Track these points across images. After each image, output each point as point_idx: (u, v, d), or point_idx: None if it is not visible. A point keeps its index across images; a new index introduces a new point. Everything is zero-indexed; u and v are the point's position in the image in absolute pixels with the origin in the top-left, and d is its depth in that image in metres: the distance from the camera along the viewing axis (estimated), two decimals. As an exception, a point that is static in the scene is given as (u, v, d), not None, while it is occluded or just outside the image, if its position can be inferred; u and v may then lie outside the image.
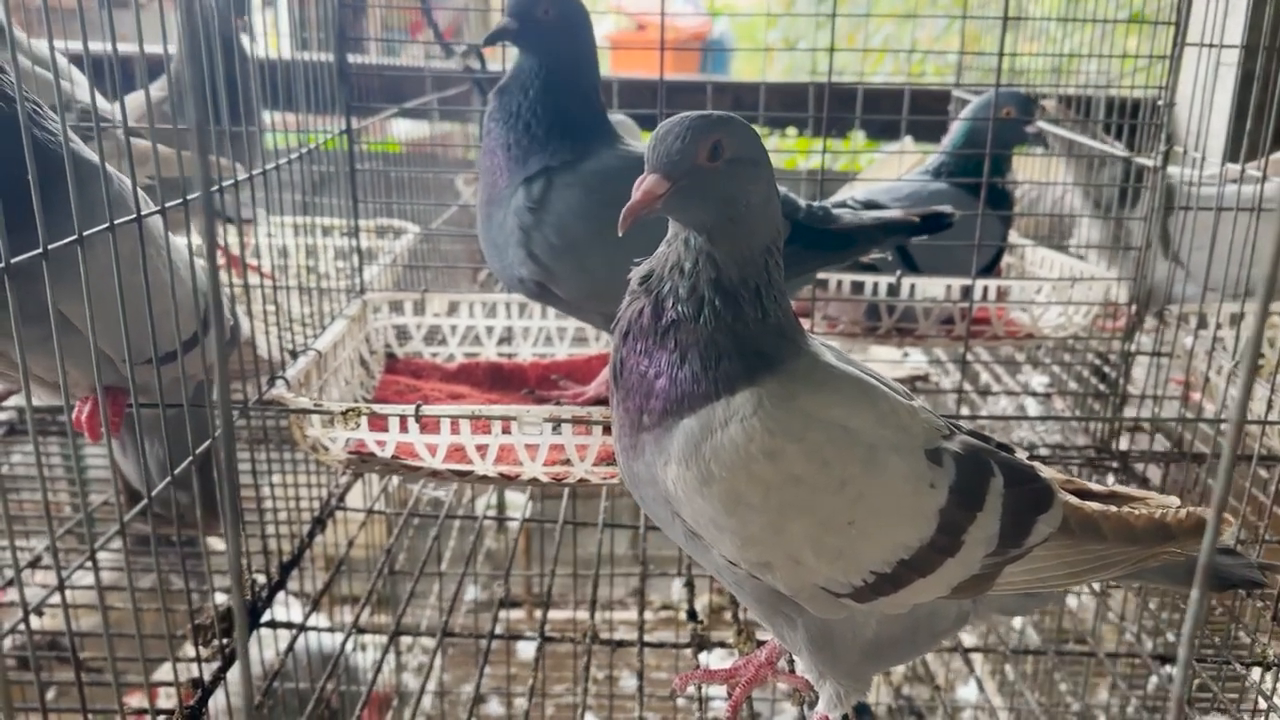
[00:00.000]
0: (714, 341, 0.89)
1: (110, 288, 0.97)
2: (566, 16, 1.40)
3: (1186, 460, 1.67)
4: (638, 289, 0.94)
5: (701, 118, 0.88)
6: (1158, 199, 1.77)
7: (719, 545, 0.91)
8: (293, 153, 1.51)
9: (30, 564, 1.44)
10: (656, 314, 0.91)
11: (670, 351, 0.90)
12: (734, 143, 0.89)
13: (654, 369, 0.90)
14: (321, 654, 2.01)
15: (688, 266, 0.90)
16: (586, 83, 1.43)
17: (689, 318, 0.89)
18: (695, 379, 0.89)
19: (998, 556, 0.96)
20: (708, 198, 0.88)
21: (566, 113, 1.40)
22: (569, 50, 1.40)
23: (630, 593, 3.14)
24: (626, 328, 0.93)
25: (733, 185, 0.88)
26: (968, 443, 0.98)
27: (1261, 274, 0.46)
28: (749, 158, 0.90)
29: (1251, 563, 1.07)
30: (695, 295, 0.89)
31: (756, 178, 0.90)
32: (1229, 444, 0.50)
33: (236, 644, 0.68)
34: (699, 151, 0.87)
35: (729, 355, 0.89)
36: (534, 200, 1.36)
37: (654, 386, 0.90)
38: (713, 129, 0.88)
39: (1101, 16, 2.18)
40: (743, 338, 0.89)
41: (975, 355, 2.38)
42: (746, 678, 1.16)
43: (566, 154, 1.38)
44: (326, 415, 1.30)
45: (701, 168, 0.88)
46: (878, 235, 1.48)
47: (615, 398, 0.95)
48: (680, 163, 0.87)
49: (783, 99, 2.93)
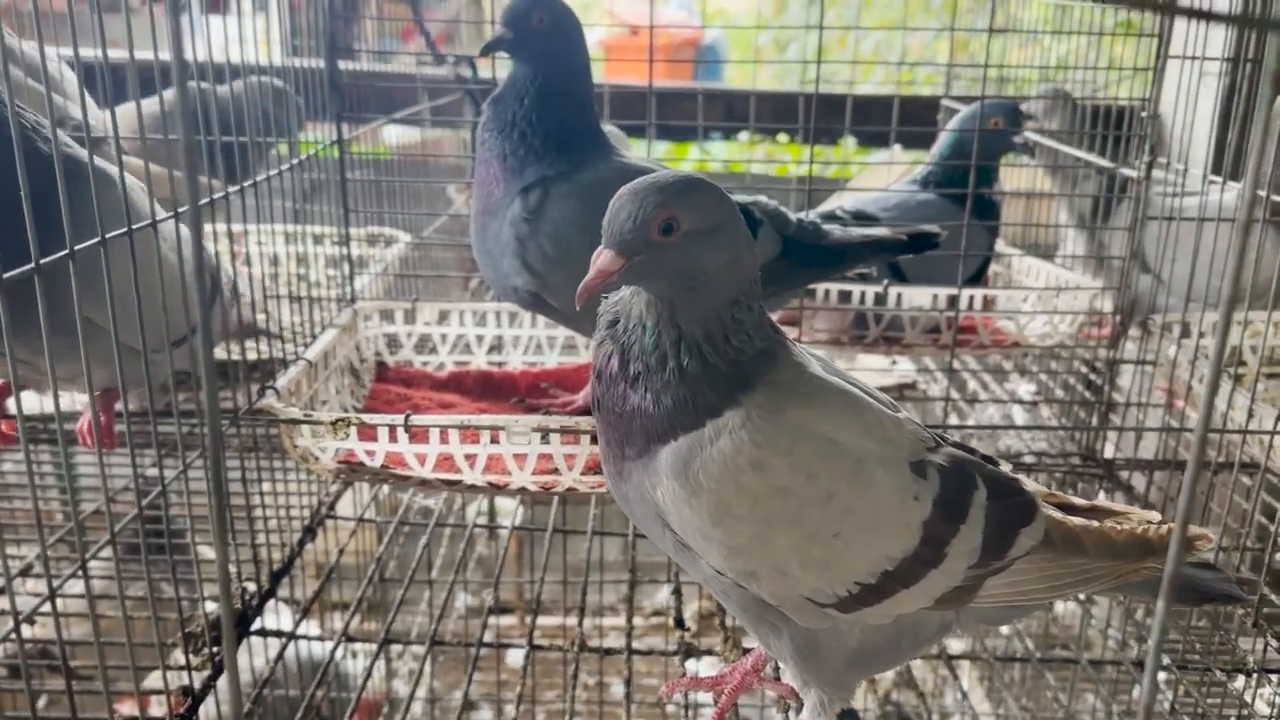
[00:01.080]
0: (685, 386, 0.89)
1: (124, 289, 1.00)
2: (560, 25, 1.40)
3: (1171, 468, 1.68)
4: (605, 334, 0.94)
5: (656, 192, 0.86)
6: (1142, 209, 1.79)
7: (706, 555, 0.92)
8: (284, 163, 1.52)
9: (21, 572, 1.44)
10: (624, 363, 0.91)
11: (642, 397, 0.90)
12: (690, 215, 0.87)
13: (628, 410, 0.91)
14: (312, 661, 2.01)
15: (649, 324, 0.90)
16: (581, 92, 1.43)
17: (655, 370, 0.89)
18: (672, 417, 0.89)
19: (980, 569, 0.97)
20: (663, 273, 0.87)
21: (562, 122, 1.40)
22: (563, 59, 1.40)
23: (621, 599, 3.15)
24: (599, 371, 0.94)
25: (689, 258, 0.87)
26: (952, 455, 0.99)
27: (1225, 285, 0.47)
28: (707, 228, 0.88)
29: (1229, 577, 1.08)
30: (659, 350, 0.89)
31: (716, 246, 0.89)
32: (1193, 458, 0.51)
33: (224, 654, 0.69)
34: (651, 230, 0.86)
35: (703, 392, 0.89)
36: (530, 211, 1.36)
37: (632, 425, 0.91)
38: (666, 204, 0.86)
39: (1089, 26, 2.20)
40: (715, 377, 0.89)
41: (962, 363, 2.39)
42: (732, 685, 1.17)
43: (563, 164, 1.38)
44: (316, 425, 1.31)
45: (656, 244, 0.87)
46: (866, 253, 1.49)
47: (598, 427, 0.96)
48: (633, 241, 0.86)
49: (774, 107, 2.94)
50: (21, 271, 0.86)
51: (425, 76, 2.47)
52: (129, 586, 1.84)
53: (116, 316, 0.99)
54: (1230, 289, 0.48)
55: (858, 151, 3.34)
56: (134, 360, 1.10)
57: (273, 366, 1.47)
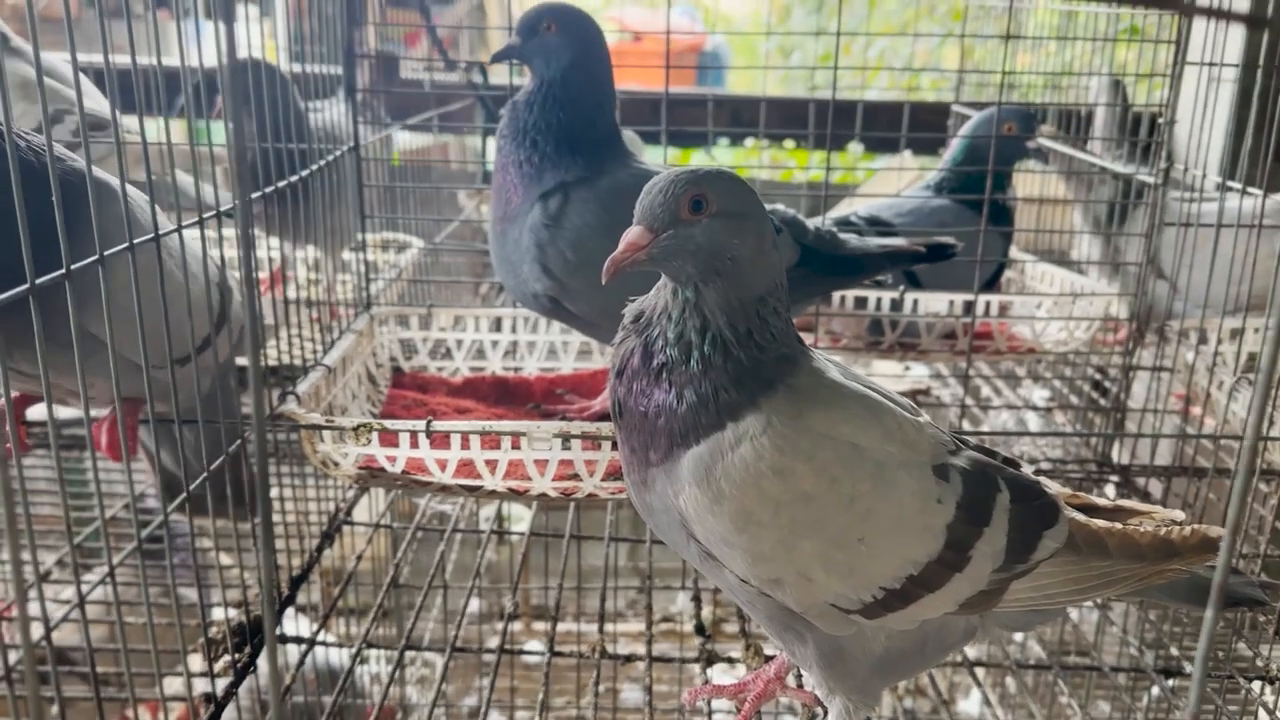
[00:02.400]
0: (708, 380, 0.90)
1: (130, 302, 0.99)
2: (570, 32, 1.41)
3: (1188, 475, 1.68)
4: (630, 327, 0.95)
5: (688, 173, 0.91)
6: (1158, 215, 1.78)
7: (731, 564, 0.92)
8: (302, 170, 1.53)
9: (42, 577, 1.44)
10: (646, 356, 0.92)
11: (665, 391, 0.91)
12: (719, 197, 0.90)
13: (652, 408, 0.91)
14: (329, 667, 2.01)
15: (674, 314, 0.91)
16: (596, 98, 1.43)
17: (678, 361, 0.90)
18: (695, 414, 0.90)
19: (1004, 572, 0.96)
20: (690, 251, 0.90)
21: (574, 128, 1.40)
22: (575, 66, 1.40)
23: (629, 604, 3.15)
24: (620, 366, 0.94)
25: (716, 239, 0.90)
26: (974, 458, 0.99)
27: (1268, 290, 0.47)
28: (735, 211, 0.91)
29: (1254, 581, 1.08)
30: (683, 341, 0.91)
31: (743, 231, 0.91)
32: (1243, 465, 0.51)
33: (265, 655, 0.69)
34: (681, 206, 0.90)
35: (726, 389, 0.90)
36: (550, 217, 1.36)
37: (655, 425, 0.91)
38: (696, 184, 0.90)
39: (1098, 32, 2.20)
40: (739, 372, 0.90)
41: (977, 369, 2.39)
42: (755, 693, 1.17)
43: (581, 170, 1.39)
44: (338, 431, 1.31)
45: (684, 221, 0.90)
46: (884, 263, 1.50)
47: (619, 435, 0.96)
48: (662, 216, 0.90)
49: (782, 113, 2.95)
50: (17, 292, 0.86)
51: (436, 83, 2.48)
52: (149, 592, 1.85)
53: (115, 331, 0.97)
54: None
55: (864, 157, 3.34)
56: (156, 370, 1.09)
57: (292, 372, 1.47)
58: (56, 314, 0.89)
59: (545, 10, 1.41)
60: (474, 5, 3.62)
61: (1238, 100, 1.64)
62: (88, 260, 0.92)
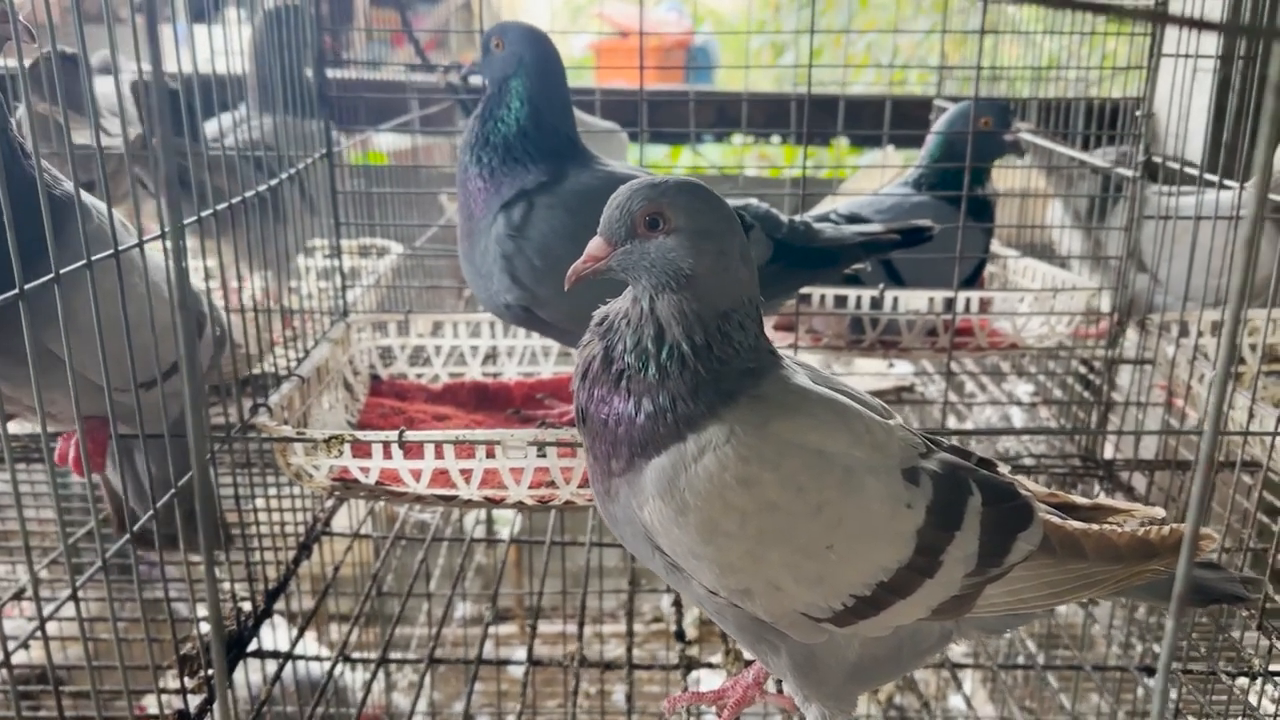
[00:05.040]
0: (665, 390, 0.90)
1: (91, 322, 0.97)
2: (515, 47, 1.43)
3: (1171, 468, 1.67)
4: (595, 330, 0.95)
5: (648, 187, 0.91)
6: (1138, 208, 1.78)
7: (698, 575, 0.91)
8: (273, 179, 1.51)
9: (15, 596, 1.43)
10: (607, 361, 0.92)
11: (625, 399, 0.91)
12: (677, 214, 0.90)
13: (613, 416, 0.91)
14: (310, 678, 2.00)
15: (634, 320, 0.92)
16: (549, 105, 1.44)
17: (636, 369, 0.91)
18: (654, 424, 0.89)
19: (977, 576, 0.95)
20: (644, 266, 0.90)
21: (527, 137, 1.42)
22: (522, 77, 1.42)
23: (620, 605, 3.14)
24: (584, 369, 0.94)
25: (669, 256, 0.90)
26: (946, 460, 0.98)
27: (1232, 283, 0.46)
28: (695, 229, 0.90)
29: (1234, 577, 1.07)
30: (640, 348, 0.91)
31: (700, 250, 0.90)
32: (1202, 463, 0.50)
33: (215, 685, 0.67)
34: (636, 223, 0.90)
35: (684, 399, 0.89)
36: (514, 227, 1.36)
37: (616, 433, 0.91)
38: (654, 201, 0.90)
39: (1081, 25, 2.19)
40: (696, 383, 0.90)
41: (960, 365, 2.38)
42: (735, 699, 1.16)
43: (541, 176, 1.40)
44: (309, 443, 1.30)
45: (640, 237, 0.91)
46: (859, 252, 1.49)
47: (585, 442, 0.96)
48: (619, 230, 0.91)
49: (767, 109, 2.93)
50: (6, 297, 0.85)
51: (415, 84, 2.46)
52: (122, 608, 1.84)
53: (74, 350, 0.96)
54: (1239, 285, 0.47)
55: (850, 152, 3.33)
56: (119, 395, 1.08)
57: (266, 382, 1.46)
58: (16, 332, 0.88)
59: (494, 28, 1.46)
60: (460, 4, 3.60)
61: (1216, 91, 1.63)
62: (43, 279, 0.91)
